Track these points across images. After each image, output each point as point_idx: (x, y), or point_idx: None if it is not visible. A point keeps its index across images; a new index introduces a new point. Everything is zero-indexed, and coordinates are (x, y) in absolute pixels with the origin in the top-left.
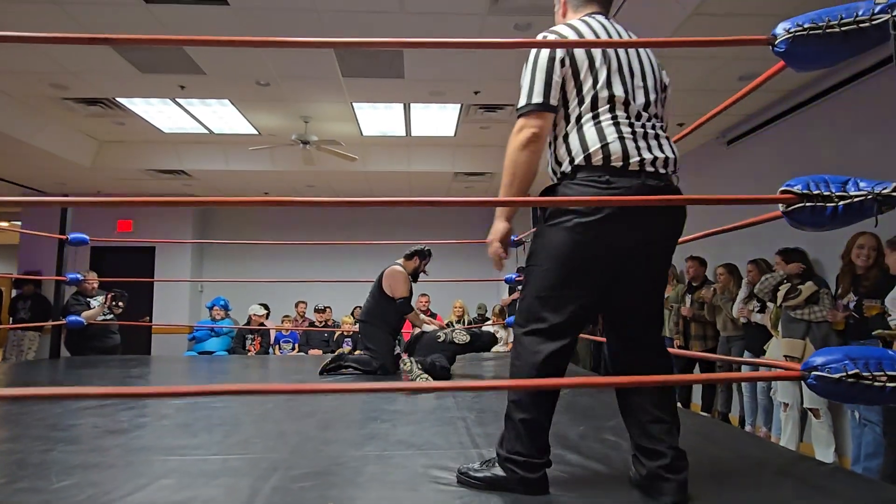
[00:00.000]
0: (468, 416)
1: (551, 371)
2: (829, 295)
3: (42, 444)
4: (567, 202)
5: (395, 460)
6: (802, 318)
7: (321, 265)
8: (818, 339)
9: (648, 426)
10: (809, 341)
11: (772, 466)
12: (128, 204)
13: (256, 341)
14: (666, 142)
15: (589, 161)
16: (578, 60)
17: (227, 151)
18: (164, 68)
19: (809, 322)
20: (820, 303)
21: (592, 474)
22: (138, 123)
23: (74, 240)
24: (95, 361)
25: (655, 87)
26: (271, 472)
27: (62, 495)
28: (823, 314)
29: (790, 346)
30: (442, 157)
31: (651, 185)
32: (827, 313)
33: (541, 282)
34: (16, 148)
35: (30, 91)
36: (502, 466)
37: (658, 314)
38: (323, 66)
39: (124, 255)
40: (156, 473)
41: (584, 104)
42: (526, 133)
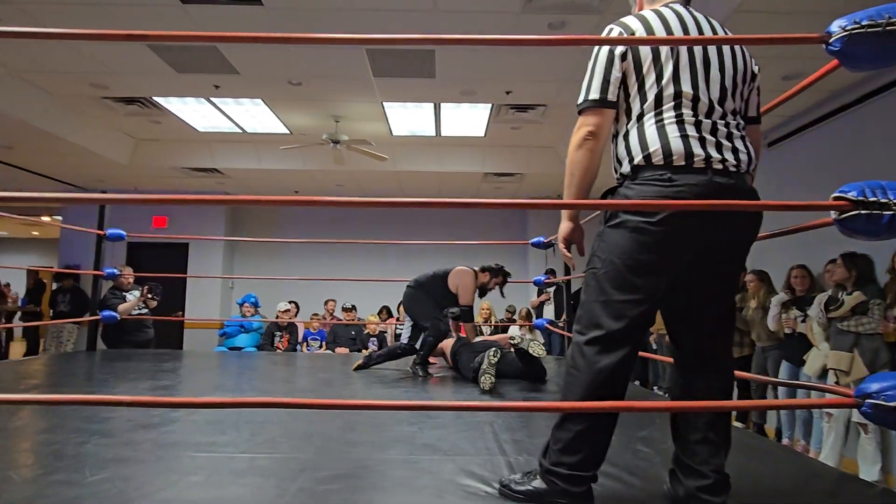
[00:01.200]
0: (495, 420)
1: (614, 384)
2: (880, 306)
3: (78, 437)
4: (610, 206)
5: (421, 465)
6: (849, 330)
7: (349, 264)
8: (867, 353)
9: (695, 446)
10: (858, 354)
11: (816, 486)
12: (163, 202)
13: (284, 338)
14: (741, 142)
15: (649, 160)
16: (642, 54)
17: (259, 150)
18: (200, 68)
19: (858, 334)
20: (869, 314)
21: (625, 487)
22: (174, 122)
23: (112, 235)
24: (129, 355)
25: (735, 79)
26: (298, 472)
27: (95, 489)
28: (873, 326)
29: (837, 359)
30: (472, 158)
31: (720, 182)
32: (879, 325)
33: (602, 285)
34: (57, 145)
35: (71, 90)
36: (544, 479)
37: (726, 325)
38: (354, 65)
39: (159, 251)
40: (185, 470)
41: (646, 101)
42: (582, 131)
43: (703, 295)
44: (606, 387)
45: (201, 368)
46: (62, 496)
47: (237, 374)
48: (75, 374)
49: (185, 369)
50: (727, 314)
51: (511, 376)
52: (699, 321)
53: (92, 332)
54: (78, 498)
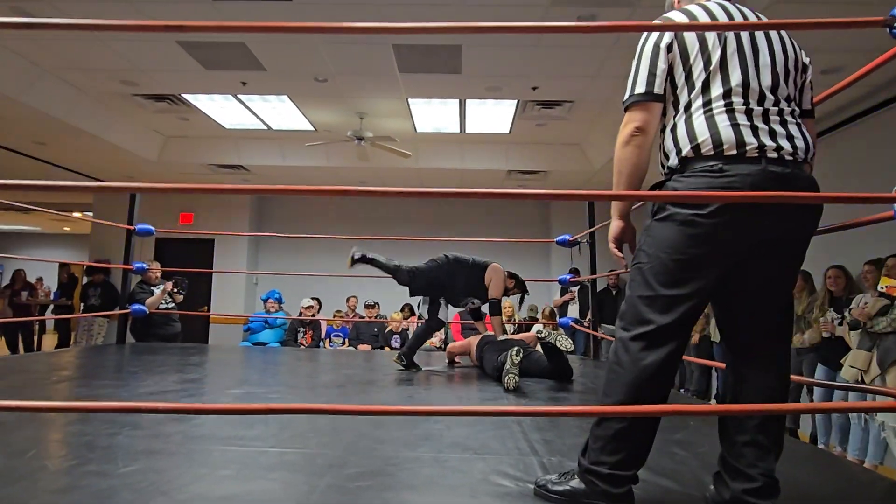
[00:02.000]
0: (524, 419)
1: (659, 382)
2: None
3: (109, 428)
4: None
5: (450, 464)
6: (871, 331)
7: None
8: (880, 351)
9: (743, 448)
10: (877, 353)
11: (863, 494)
12: (186, 191)
13: (308, 334)
14: (797, 129)
15: (698, 151)
16: (688, 44)
17: (284, 147)
18: (228, 65)
19: (879, 333)
20: (888, 314)
21: (662, 491)
22: (201, 119)
23: (141, 230)
24: (158, 348)
25: (787, 66)
26: (326, 469)
27: (128, 480)
28: (885, 325)
29: (854, 357)
30: (496, 155)
31: (775, 171)
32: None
33: (648, 280)
34: (88, 142)
35: (102, 88)
36: (582, 478)
37: (782, 324)
38: (380, 61)
39: (185, 247)
40: (215, 463)
41: (693, 91)
42: (629, 128)
43: (757, 293)
44: (651, 384)
45: (227, 363)
46: (96, 487)
47: (262, 369)
48: (105, 366)
49: (211, 363)
50: (784, 314)
51: (536, 375)
52: (753, 321)
53: (122, 326)
54: (111, 489)
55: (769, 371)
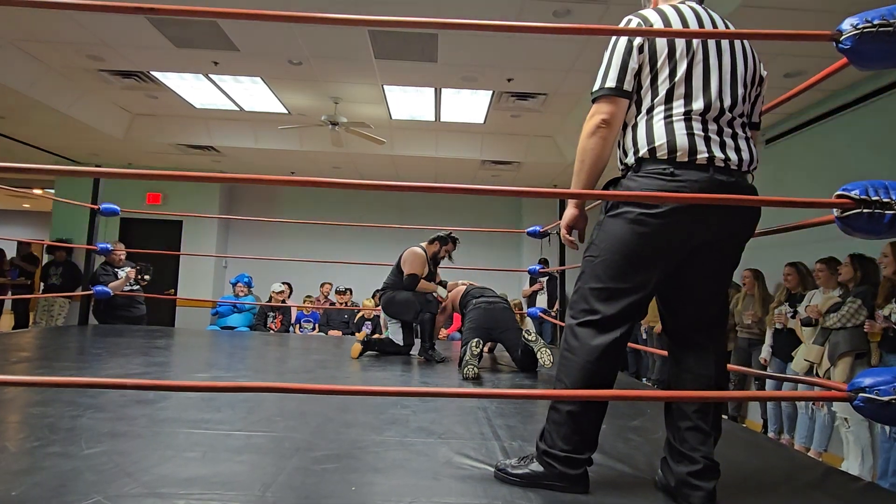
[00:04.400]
0: (489, 406)
1: (608, 364)
2: (858, 304)
3: (72, 410)
4: (609, 196)
5: (415, 447)
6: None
7: (345, 247)
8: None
9: (686, 433)
10: (827, 347)
11: (802, 478)
12: (158, 177)
13: (278, 319)
14: (745, 143)
15: (653, 154)
16: (658, 48)
17: (257, 129)
18: (199, 44)
19: (830, 329)
20: (839, 311)
21: (617, 474)
22: (171, 98)
23: (106, 210)
24: (122, 330)
25: (745, 80)
26: (293, 451)
27: (92, 462)
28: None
29: (808, 351)
30: (470, 144)
31: (720, 179)
32: (866, 324)
33: (597, 273)
34: (53, 117)
35: (68, 62)
36: (540, 461)
37: (719, 318)
38: (356, 46)
39: (153, 227)
40: (181, 446)
41: (657, 96)
42: (596, 119)
43: (698, 289)
44: (600, 365)
45: (194, 346)
46: (59, 468)
47: (230, 353)
48: (68, 348)
49: (177, 347)
50: (721, 308)
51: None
52: (693, 314)
53: (84, 307)
54: (75, 470)
55: (706, 360)
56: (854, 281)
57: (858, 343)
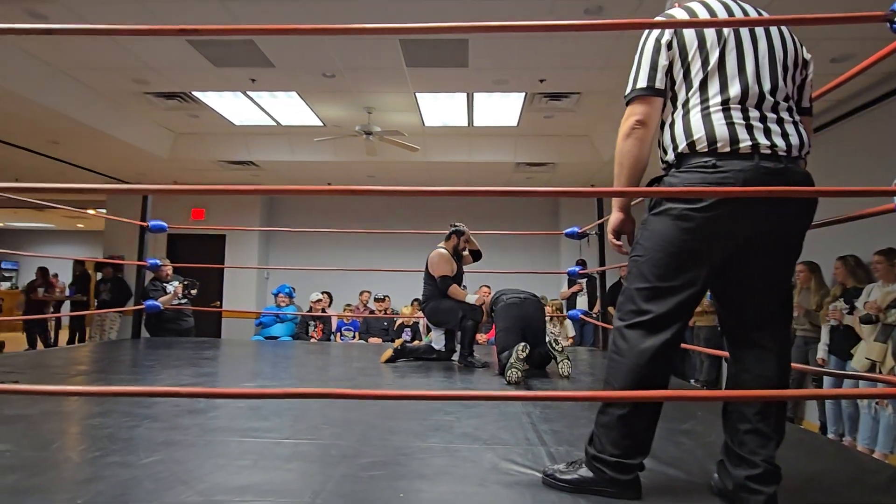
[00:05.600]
0: (533, 411)
1: (659, 367)
2: None
3: (129, 420)
4: (647, 193)
5: (461, 454)
6: (886, 322)
7: (382, 254)
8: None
9: (745, 436)
10: (891, 345)
11: (868, 482)
12: (201, 192)
13: (319, 328)
14: (793, 127)
15: (693, 148)
16: (687, 42)
17: (293, 143)
18: (237, 62)
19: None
20: None
21: (669, 479)
22: (211, 116)
23: (154, 227)
24: (172, 342)
25: (786, 62)
26: (340, 459)
27: (150, 471)
28: None
29: (870, 350)
30: (504, 148)
31: (767, 167)
32: None
33: (644, 272)
34: (101, 140)
35: (114, 86)
36: (590, 466)
37: (779, 314)
38: (387, 56)
39: (197, 242)
40: (233, 454)
41: (691, 89)
42: (630, 121)
43: (754, 284)
44: (650, 368)
45: (240, 357)
46: (120, 477)
47: (274, 362)
48: (122, 360)
49: (224, 357)
50: (783, 304)
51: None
52: (751, 310)
53: (136, 321)
54: (135, 479)
55: (767, 360)
56: None
57: None
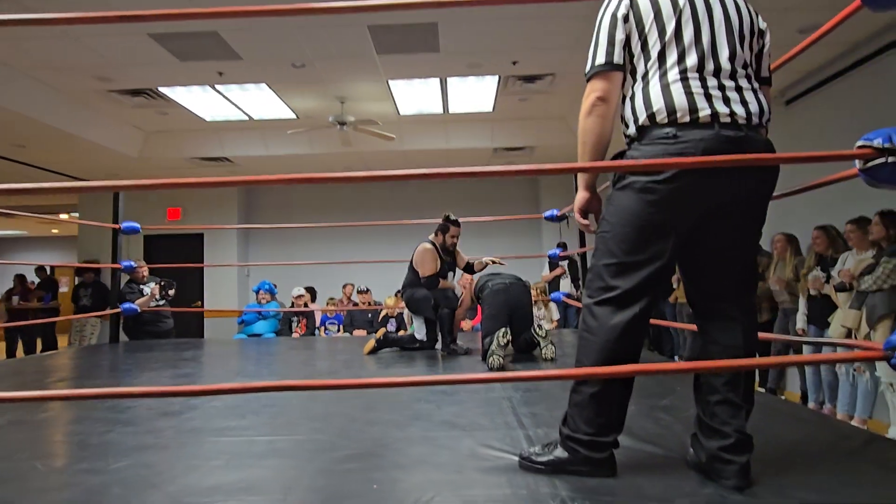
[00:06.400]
0: (514, 395)
1: (629, 342)
2: (894, 264)
3: (102, 427)
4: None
5: (439, 441)
6: (859, 290)
7: (363, 247)
8: (867, 308)
9: (715, 407)
10: (865, 311)
11: (844, 448)
12: (171, 186)
13: (302, 323)
14: (752, 95)
15: (653, 120)
16: (643, 13)
17: (267, 136)
18: (202, 55)
19: (865, 292)
20: (873, 273)
21: (646, 456)
22: (181, 112)
23: (127, 228)
24: (151, 345)
25: (742, 30)
26: (317, 453)
27: (119, 476)
28: (871, 284)
29: (845, 317)
30: (480, 133)
31: (727, 135)
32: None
33: (610, 248)
34: (68, 141)
35: (77, 85)
36: (564, 447)
37: (746, 285)
38: (357, 43)
39: (175, 242)
40: (206, 455)
41: (650, 60)
42: (591, 97)
43: (719, 253)
44: (620, 344)
45: (221, 356)
46: (87, 484)
47: (256, 360)
48: (100, 365)
49: (205, 357)
50: (747, 274)
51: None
52: (717, 281)
53: (114, 325)
54: (103, 485)
55: (733, 330)
56: (887, 240)
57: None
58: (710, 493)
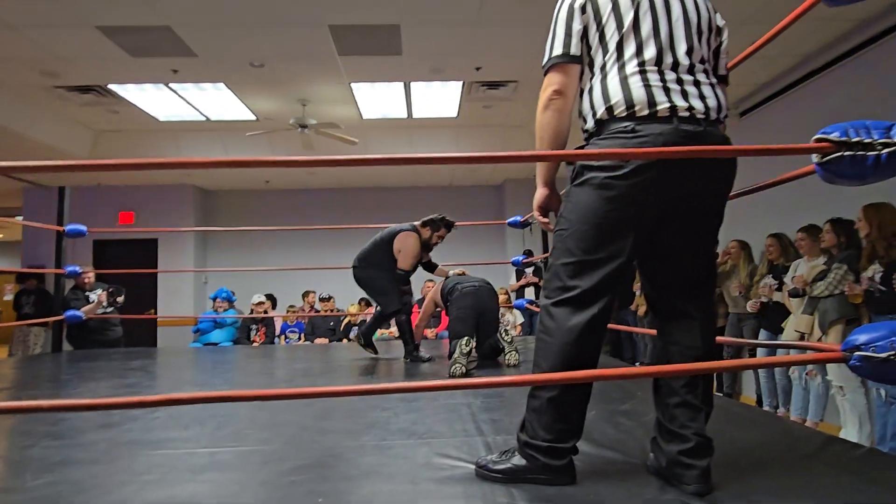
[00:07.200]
0: (474, 402)
1: (588, 345)
2: (844, 270)
3: (24, 440)
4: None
5: (394, 450)
6: (812, 295)
7: (326, 253)
8: (819, 313)
9: (674, 410)
10: (817, 316)
11: (800, 450)
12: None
13: (261, 332)
14: (710, 89)
15: (612, 113)
16: (601, 4)
17: (226, 139)
18: (156, 52)
19: (818, 298)
20: (825, 279)
21: (606, 462)
22: (133, 112)
23: (71, 231)
24: (97, 355)
25: (700, 26)
26: (261, 465)
27: (35, 495)
28: (823, 289)
29: (798, 322)
30: (445, 140)
31: (686, 130)
32: (846, 287)
33: (569, 246)
34: (12, 140)
35: (21, 80)
36: (522, 454)
37: (705, 285)
38: (318, 44)
39: (127, 248)
40: (139, 469)
41: (608, 53)
42: (548, 91)
43: (678, 251)
44: (579, 346)
45: (172, 366)
46: None
47: (210, 369)
48: (38, 376)
49: (154, 367)
50: (706, 273)
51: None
52: (676, 279)
53: (56, 334)
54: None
55: (693, 330)
56: (839, 247)
57: (848, 309)
58: (670, 499)
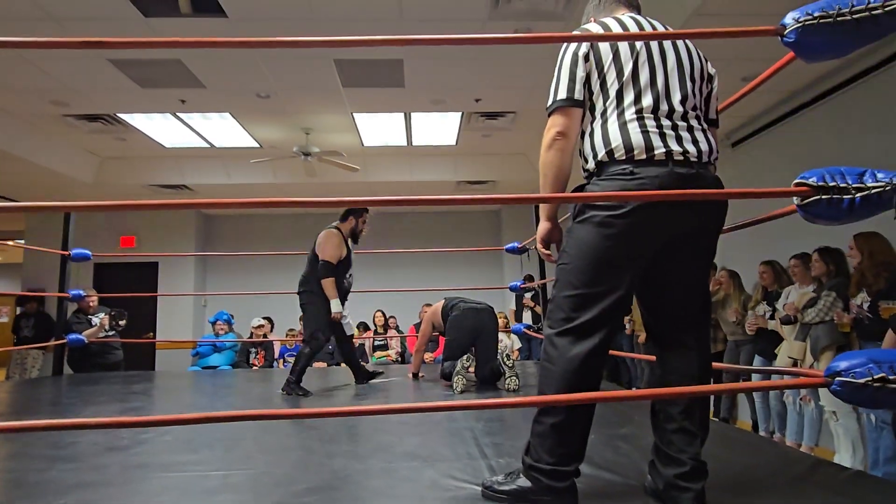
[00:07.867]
0: (476, 426)
1: (589, 373)
2: (833, 297)
3: (40, 464)
4: (576, 199)
5: (400, 473)
6: (803, 322)
7: None
8: (811, 340)
9: (672, 435)
10: (809, 343)
11: (791, 472)
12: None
13: (260, 355)
14: (702, 135)
15: (612, 156)
16: (603, 54)
17: (229, 165)
18: (164, 83)
19: (809, 324)
20: (815, 306)
21: (605, 484)
22: (139, 139)
23: (77, 255)
24: (98, 378)
25: (693, 76)
26: (272, 487)
27: None
28: (813, 316)
29: (791, 348)
30: (444, 167)
31: (680, 172)
32: (826, 315)
33: (571, 279)
34: (19, 166)
35: (31, 109)
36: (527, 476)
37: (700, 315)
38: (323, 76)
39: (128, 271)
40: (153, 491)
41: (608, 99)
42: (552, 132)
43: (674, 286)
44: (580, 374)
45: (172, 389)
46: None
47: (211, 392)
48: (40, 399)
49: (155, 390)
50: (700, 305)
51: None
52: (674, 312)
53: (58, 357)
54: None
55: (690, 359)
56: (828, 275)
57: (838, 336)
58: None
